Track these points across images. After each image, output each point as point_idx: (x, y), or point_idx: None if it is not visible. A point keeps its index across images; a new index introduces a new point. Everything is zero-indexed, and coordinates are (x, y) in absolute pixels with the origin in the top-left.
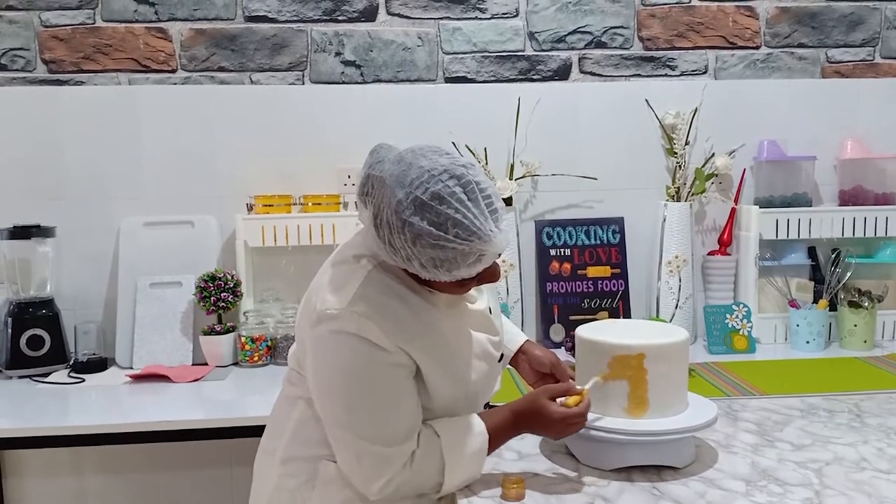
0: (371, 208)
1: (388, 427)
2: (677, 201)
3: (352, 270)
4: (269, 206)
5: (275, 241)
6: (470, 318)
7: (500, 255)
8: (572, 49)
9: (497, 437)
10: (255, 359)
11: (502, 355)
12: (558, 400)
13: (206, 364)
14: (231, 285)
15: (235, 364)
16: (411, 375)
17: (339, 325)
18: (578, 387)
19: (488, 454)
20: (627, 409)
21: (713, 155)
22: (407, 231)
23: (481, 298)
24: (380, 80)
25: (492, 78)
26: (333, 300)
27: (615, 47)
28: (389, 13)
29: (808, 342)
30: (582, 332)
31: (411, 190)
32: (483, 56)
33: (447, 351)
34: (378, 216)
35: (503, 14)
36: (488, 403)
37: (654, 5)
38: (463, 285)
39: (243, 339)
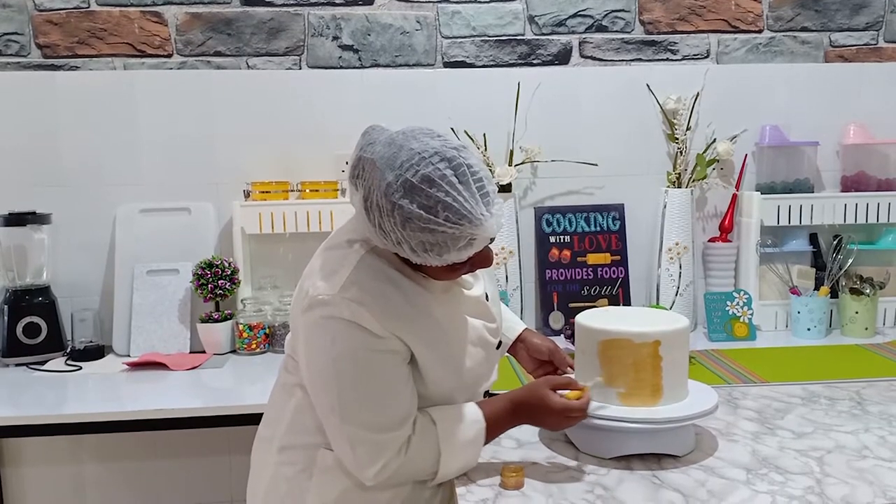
0: (362, 191)
1: (381, 414)
2: (678, 187)
3: (344, 255)
4: (267, 192)
5: (272, 228)
6: (465, 304)
7: (492, 239)
8: (573, 33)
9: (495, 426)
10: (253, 346)
11: (500, 343)
12: (559, 392)
13: (203, 352)
14: (228, 272)
15: (233, 352)
16: (405, 362)
17: (331, 310)
18: (581, 383)
19: (486, 443)
20: (646, 398)
21: (714, 140)
22: (397, 214)
23: (478, 284)
24: (378, 65)
25: (491, 62)
26: (325, 286)
27: (616, 31)
28: None
29: (809, 329)
30: (584, 320)
31: (401, 172)
32: (482, 40)
33: (441, 336)
34: (368, 199)
35: None
36: (487, 392)
37: None
38: (455, 270)
39: (241, 326)
